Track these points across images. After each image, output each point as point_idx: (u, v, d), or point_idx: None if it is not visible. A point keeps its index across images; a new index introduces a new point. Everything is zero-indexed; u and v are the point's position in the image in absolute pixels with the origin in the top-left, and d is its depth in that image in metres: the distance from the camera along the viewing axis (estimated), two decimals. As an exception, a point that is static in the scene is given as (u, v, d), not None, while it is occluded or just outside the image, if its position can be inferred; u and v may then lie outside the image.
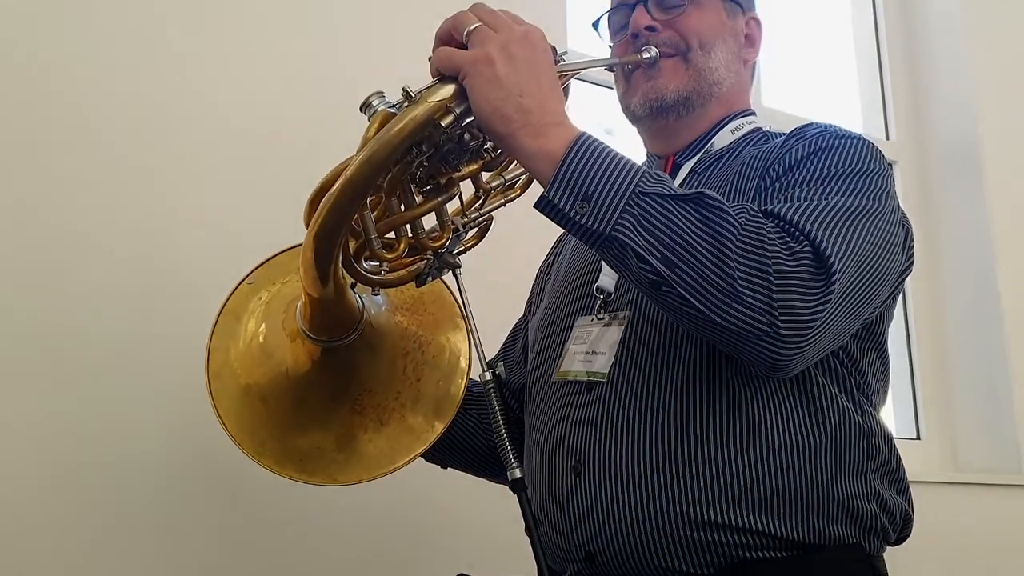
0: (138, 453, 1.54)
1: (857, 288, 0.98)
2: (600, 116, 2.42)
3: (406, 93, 0.93)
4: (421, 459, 1.27)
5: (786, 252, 0.92)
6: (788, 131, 1.24)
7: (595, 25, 1.42)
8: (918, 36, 3.09)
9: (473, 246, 1.19)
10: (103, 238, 1.59)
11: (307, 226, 1.00)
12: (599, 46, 1.43)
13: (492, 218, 1.18)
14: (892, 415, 2.81)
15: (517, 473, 1.18)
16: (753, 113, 1.36)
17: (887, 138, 3.01)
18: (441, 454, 1.37)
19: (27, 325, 1.50)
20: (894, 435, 1.19)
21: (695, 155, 1.31)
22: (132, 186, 1.63)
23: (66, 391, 1.51)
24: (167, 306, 1.61)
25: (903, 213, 1.12)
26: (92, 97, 1.63)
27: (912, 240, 1.15)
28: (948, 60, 2.99)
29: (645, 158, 1.41)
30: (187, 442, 1.58)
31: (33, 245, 1.53)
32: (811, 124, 1.19)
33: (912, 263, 1.17)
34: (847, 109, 3.09)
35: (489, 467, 1.42)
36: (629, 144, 1.43)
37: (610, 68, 1.32)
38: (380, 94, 0.97)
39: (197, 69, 1.74)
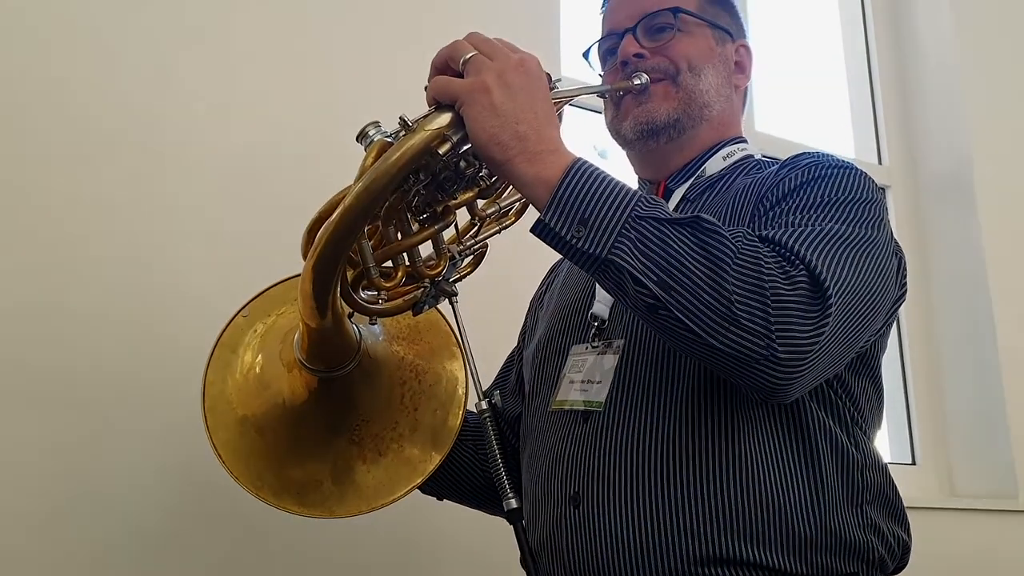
0: (133, 485, 1.53)
1: (853, 314, 0.97)
2: (593, 140, 2.43)
3: (403, 122, 0.94)
4: (417, 490, 1.26)
5: (783, 276, 0.92)
6: (780, 158, 1.25)
7: (585, 55, 1.43)
8: (909, 61, 3.11)
9: (468, 274, 1.19)
10: (98, 266, 1.58)
11: (304, 256, 1.00)
12: (592, 74, 1.44)
13: (487, 246, 1.18)
14: (887, 441, 2.81)
15: (513, 503, 1.19)
16: (745, 140, 1.37)
17: (879, 163, 3.03)
18: (437, 486, 1.36)
19: (19, 355, 1.49)
20: (889, 460, 1.18)
21: (687, 180, 1.32)
22: (130, 214, 1.63)
23: (58, 424, 1.50)
24: (162, 336, 1.60)
25: (896, 243, 1.12)
26: (90, 117, 1.63)
27: (905, 269, 1.15)
28: (939, 85, 3.01)
29: (636, 184, 1.41)
30: (183, 474, 1.56)
31: (27, 272, 1.52)
32: (804, 153, 1.19)
33: (905, 292, 1.16)
34: (839, 135, 3.11)
35: (486, 499, 1.41)
36: (623, 167, 1.43)
37: (603, 95, 1.33)
38: (376, 124, 0.97)
39: (199, 90, 1.75)
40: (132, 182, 1.65)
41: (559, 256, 1.51)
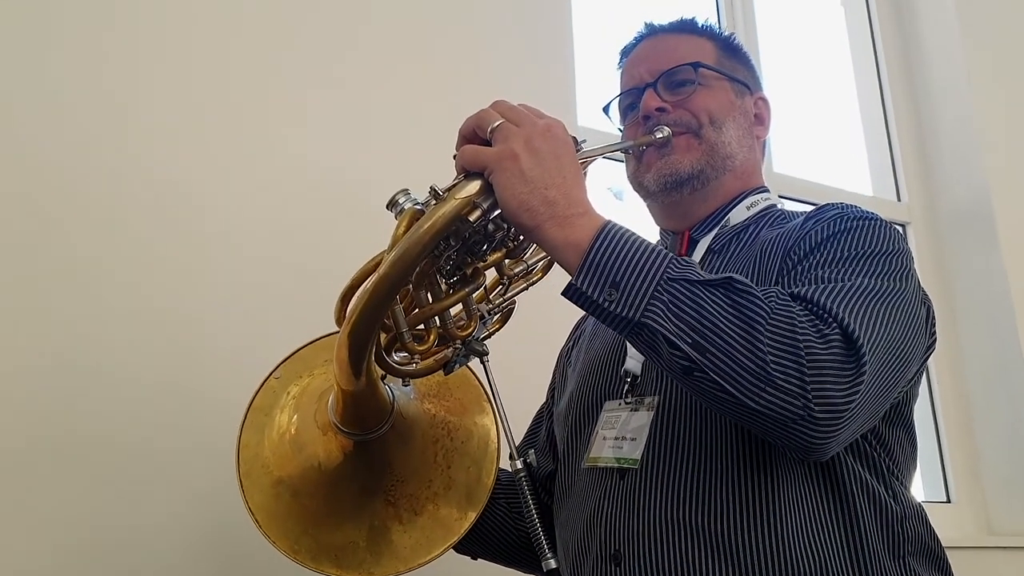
0: (165, 547, 1.54)
1: (886, 370, 0.97)
2: (608, 182, 2.44)
3: (433, 191, 0.95)
4: (451, 550, 1.26)
5: (816, 335, 0.92)
6: (803, 207, 1.25)
7: (605, 109, 1.44)
8: (923, 96, 3.13)
9: (496, 331, 1.20)
10: (128, 336, 1.60)
11: (338, 323, 1.02)
12: (608, 123, 1.46)
13: (515, 303, 1.19)
14: (920, 479, 2.78)
15: (552, 564, 1.18)
16: (767, 190, 1.38)
17: (898, 200, 3.03)
18: (472, 544, 1.36)
19: (49, 426, 1.50)
20: (923, 499, 1.17)
21: (711, 230, 1.32)
22: (158, 281, 1.66)
23: (90, 493, 1.51)
24: (195, 399, 1.62)
25: (924, 292, 1.12)
26: (117, 180, 1.66)
27: (934, 318, 1.15)
28: (954, 119, 3.02)
29: (658, 235, 1.42)
30: (215, 538, 1.57)
31: (57, 344, 1.54)
32: (829, 205, 1.20)
33: (935, 340, 1.16)
34: (857, 172, 3.12)
35: (520, 557, 1.40)
36: (639, 209, 1.44)
37: (626, 151, 1.34)
38: (406, 192, 0.98)
39: (231, 155, 1.78)
40: (162, 246, 1.68)
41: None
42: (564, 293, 0.97)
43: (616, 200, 2.25)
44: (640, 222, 1.34)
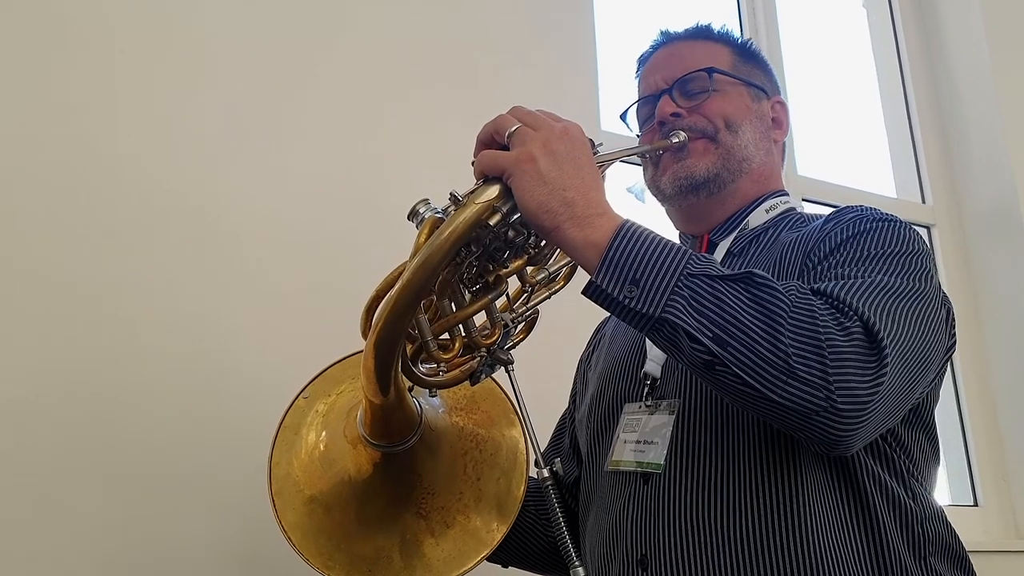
0: (199, 568, 1.54)
1: (908, 365, 0.97)
2: (628, 183, 2.44)
3: (453, 197, 0.96)
4: (483, 559, 1.26)
5: (838, 328, 0.92)
6: (822, 212, 1.25)
7: (623, 117, 1.45)
8: (947, 98, 3.11)
9: (522, 340, 1.20)
10: (159, 353, 1.62)
11: (363, 334, 1.02)
12: (630, 134, 1.46)
13: (538, 311, 1.19)
14: (947, 482, 2.75)
15: (580, 572, 1.18)
16: (786, 193, 1.38)
17: (923, 202, 3.01)
18: (502, 553, 1.35)
19: (75, 444, 1.51)
20: (950, 503, 1.17)
21: (730, 233, 1.32)
22: (185, 300, 1.67)
23: (122, 512, 1.52)
24: (224, 416, 1.63)
25: (944, 294, 1.12)
26: (141, 197, 1.68)
27: (953, 320, 1.15)
28: (978, 120, 3.00)
29: (677, 239, 1.41)
30: (250, 558, 1.57)
31: (84, 366, 1.56)
32: (848, 207, 1.20)
33: (955, 343, 1.16)
34: (881, 174, 3.10)
35: (551, 563, 1.40)
36: (659, 211, 1.44)
37: (643, 155, 1.34)
38: (426, 201, 0.99)
39: (252, 176, 1.80)
40: (197, 262, 1.70)
41: (605, 315, 1.52)
42: (584, 292, 0.98)
43: (637, 201, 2.24)
44: (660, 224, 1.33)
